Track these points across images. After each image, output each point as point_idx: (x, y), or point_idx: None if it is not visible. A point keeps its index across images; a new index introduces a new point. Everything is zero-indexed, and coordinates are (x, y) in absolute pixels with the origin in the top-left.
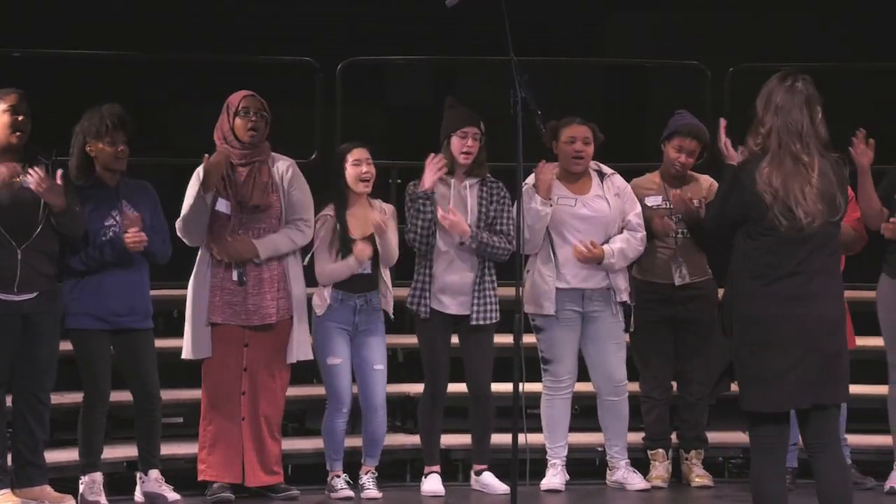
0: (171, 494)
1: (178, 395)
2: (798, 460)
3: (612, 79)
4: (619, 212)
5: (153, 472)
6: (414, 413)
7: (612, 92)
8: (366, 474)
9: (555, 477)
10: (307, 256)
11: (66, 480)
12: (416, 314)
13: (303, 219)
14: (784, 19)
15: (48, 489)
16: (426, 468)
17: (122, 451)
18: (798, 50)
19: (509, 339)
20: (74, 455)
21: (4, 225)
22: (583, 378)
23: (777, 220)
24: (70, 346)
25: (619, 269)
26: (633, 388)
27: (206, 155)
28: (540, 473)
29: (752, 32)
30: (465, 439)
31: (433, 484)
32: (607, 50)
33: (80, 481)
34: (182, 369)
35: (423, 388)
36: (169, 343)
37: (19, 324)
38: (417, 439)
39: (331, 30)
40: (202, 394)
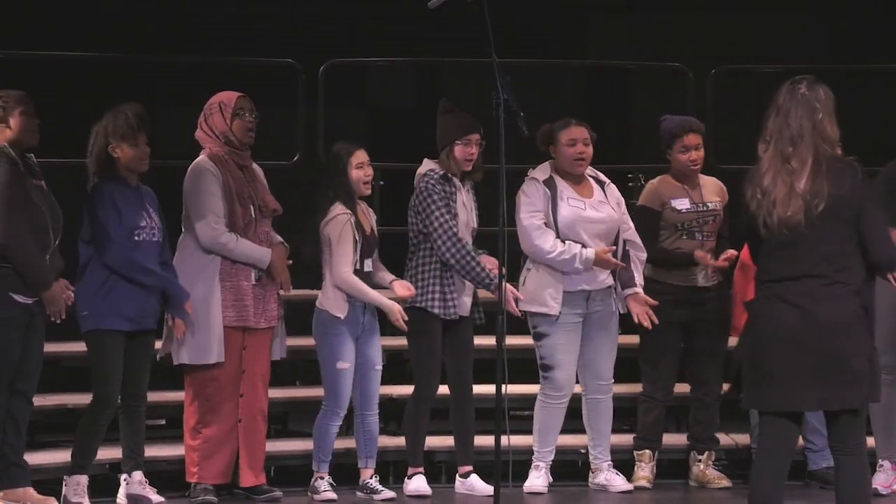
0: (154, 496)
1: (161, 396)
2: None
3: (595, 81)
4: (620, 221)
5: (137, 474)
6: (396, 415)
7: (595, 94)
8: (371, 477)
9: (538, 479)
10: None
11: (46, 483)
12: (443, 317)
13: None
14: (766, 21)
15: (31, 491)
16: (410, 469)
17: (103, 453)
18: (780, 52)
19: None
20: (55, 457)
21: (41, 227)
22: None
23: (761, 224)
24: (52, 349)
25: None
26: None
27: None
28: (523, 475)
29: (734, 34)
30: (448, 441)
31: (419, 483)
32: (590, 52)
33: (65, 482)
34: (162, 371)
35: (414, 388)
36: None
37: (27, 325)
38: (400, 441)
39: (313, 31)
40: (194, 397)
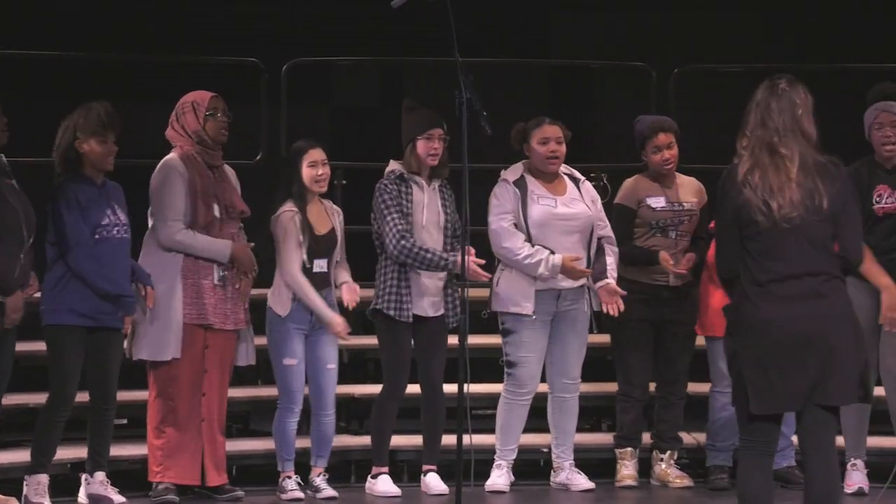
0: (116, 497)
1: (123, 396)
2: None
3: (559, 80)
4: (595, 218)
5: (99, 475)
6: (359, 414)
7: (558, 93)
8: (318, 475)
9: (500, 478)
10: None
11: (7, 483)
12: (396, 318)
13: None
14: (730, 21)
15: None
16: (375, 469)
17: (65, 453)
18: (744, 52)
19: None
20: (16, 457)
21: (15, 226)
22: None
23: (756, 214)
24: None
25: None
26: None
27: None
28: (484, 474)
29: (697, 34)
30: (411, 440)
31: (386, 485)
32: (553, 51)
33: (25, 482)
34: (124, 370)
35: (383, 388)
36: None
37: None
38: (363, 440)
39: (276, 30)
40: (158, 396)
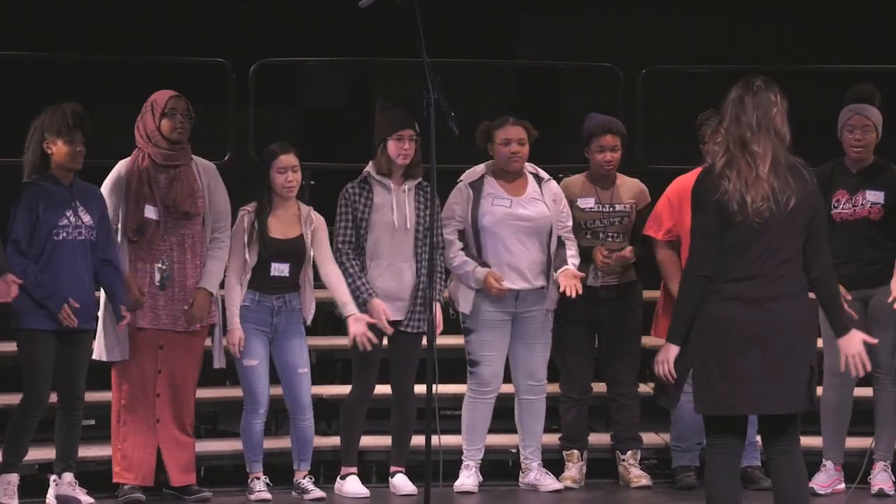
0: (84, 497)
1: (90, 397)
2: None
3: (526, 80)
4: (555, 218)
5: (67, 475)
6: (328, 415)
7: (526, 93)
8: (303, 478)
9: (468, 478)
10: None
11: None
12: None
13: (222, 227)
14: (697, 21)
15: None
16: (343, 469)
17: (33, 454)
18: (711, 52)
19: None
20: None
21: None
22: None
23: (734, 205)
24: None
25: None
26: (553, 390)
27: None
28: (453, 474)
29: (664, 34)
30: (380, 441)
31: (354, 486)
32: (520, 51)
33: None
34: (91, 371)
35: (352, 389)
36: None
37: None
38: (332, 441)
39: (244, 30)
40: (114, 396)
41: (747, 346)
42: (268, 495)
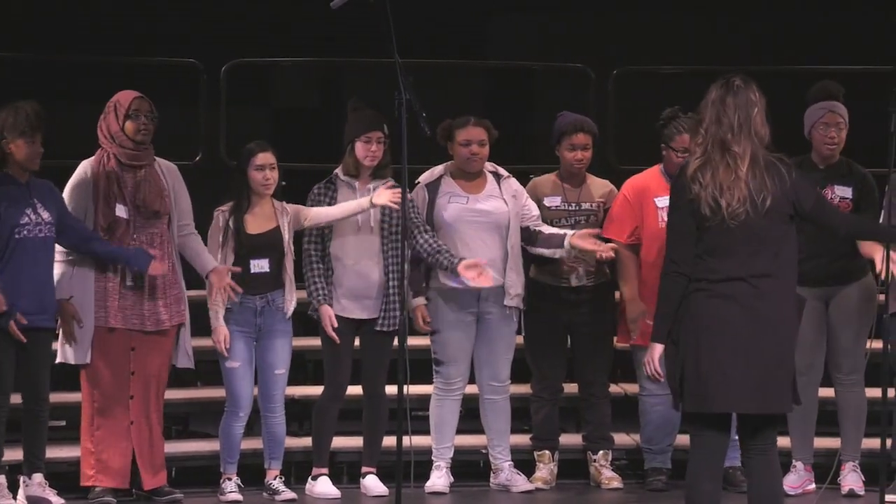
0: (54, 498)
1: (60, 398)
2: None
3: (498, 81)
4: (515, 214)
5: (37, 476)
6: (299, 416)
7: (497, 94)
8: (274, 478)
9: (439, 479)
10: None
11: None
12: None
13: (188, 223)
14: (668, 22)
15: None
16: (315, 470)
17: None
18: (682, 53)
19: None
20: None
21: None
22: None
23: (705, 210)
24: None
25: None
26: (525, 390)
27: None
28: (424, 475)
29: (636, 35)
30: (351, 441)
31: (325, 486)
32: (492, 52)
33: None
34: (62, 372)
35: (323, 390)
36: None
37: None
38: (303, 441)
39: (216, 31)
40: (86, 399)
41: (736, 344)
42: (239, 497)
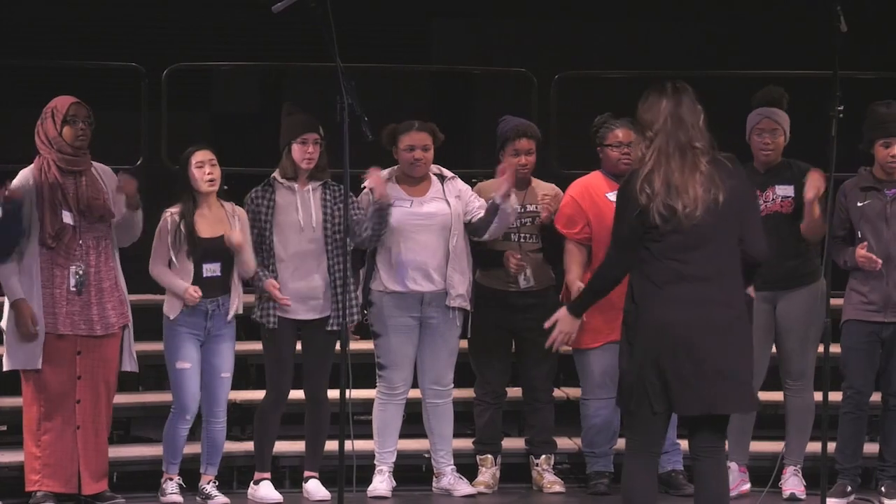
0: None
1: (2, 402)
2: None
3: (440, 85)
4: (458, 215)
5: None
6: (241, 420)
7: (440, 99)
8: (208, 483)
9: (381, 483)
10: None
11: None
12: (263, 325)
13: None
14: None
15: None
16: (257, 475)
17: None
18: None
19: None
20: None
21: None
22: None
23: (655, 219)
24: None
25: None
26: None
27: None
28: (367, 480)
29: (577, 40)
30: (293, 446)
31: (267, 490)
32: (434, 57)
33: None
34: (5, 376)
35: (265, 395)
36: None
37: None
38: (244, 446)
39: (157, 35)
40: (31, 404)
41: (693, 347)
42: (179, 498)
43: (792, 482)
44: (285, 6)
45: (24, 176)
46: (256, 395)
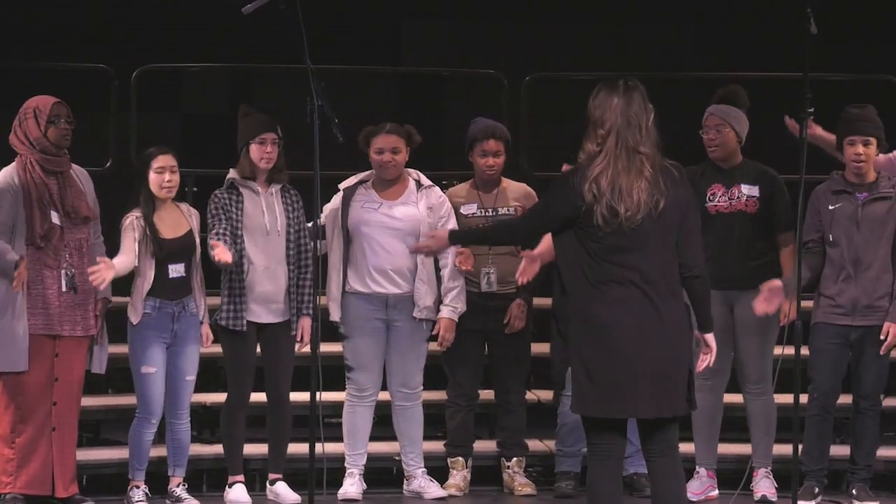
0: None
1: None
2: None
3: (410, 87)
4: (428, 224)
5: None
6: (211, 423)
7: (410, 100)
8: (177, 485)
9: (352, 486)
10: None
11: None
12: (230, 328)
13: (99, 231)
14: (579, 29)
15: None
16: (230, 478)
17: None
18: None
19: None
20: None
21: None
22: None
23: (599, 218)
24: None
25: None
26: (441, 396)
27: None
28: (337, 482)
29: (547, 42)
30: (262, 448)
31: (238, 493)
32: (404, 58)
33: None
34: None
35: (227, 396)
36: None
37: None
38: (214, 449)
39: (127, 36)
40: (7, 406)
41: (628, 349)
42: None
43: (763, 484)
44: (255, 7)
45: (6, 175)
46: (225, 397)
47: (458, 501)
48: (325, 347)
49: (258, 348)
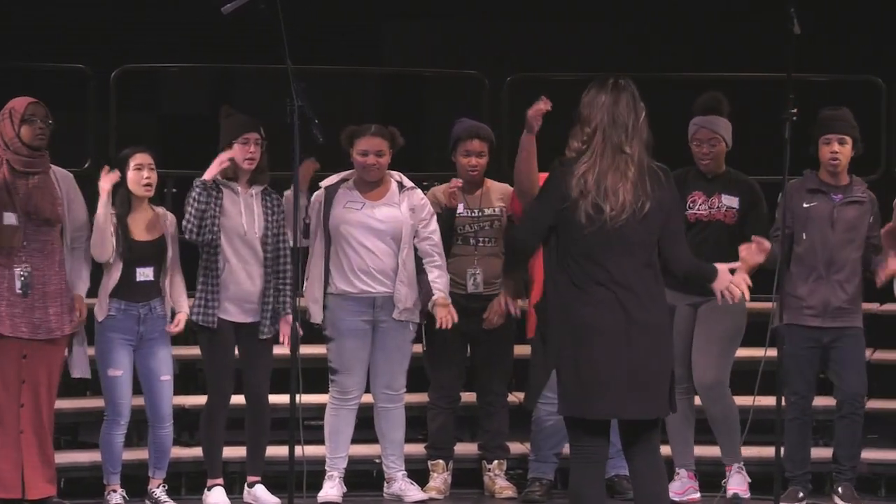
0: None
1: None
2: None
3: (391, 88)
4: (410, 225)
5: None
6: (190, 425)
7: (391, 101)
8: (157, 487)
9: (332, 489)
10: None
11: None
12: (200, 323)
13: (81, 236)
14: (561, 30)
15: None
16: (210, 481)
17: None
18: (575, 60)
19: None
20: None
21: None
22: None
23: (581, 218)
24: None
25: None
26: (422, 398)
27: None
28: (317, 485)
29: (529, 42)
30: (242, 451)
31: (218, 497)
32: (385, 59)
33: None
34: None
35: (207, 398)
36: None
37: None
38: (193, 451)
39: (105, 36)
40: None
41: (611, 350)
42: None
43: (735, 480)
44: (235, 7)
45: None
46: (204, 399)
47: None
48: (305, 349)
49: (237, 350)
